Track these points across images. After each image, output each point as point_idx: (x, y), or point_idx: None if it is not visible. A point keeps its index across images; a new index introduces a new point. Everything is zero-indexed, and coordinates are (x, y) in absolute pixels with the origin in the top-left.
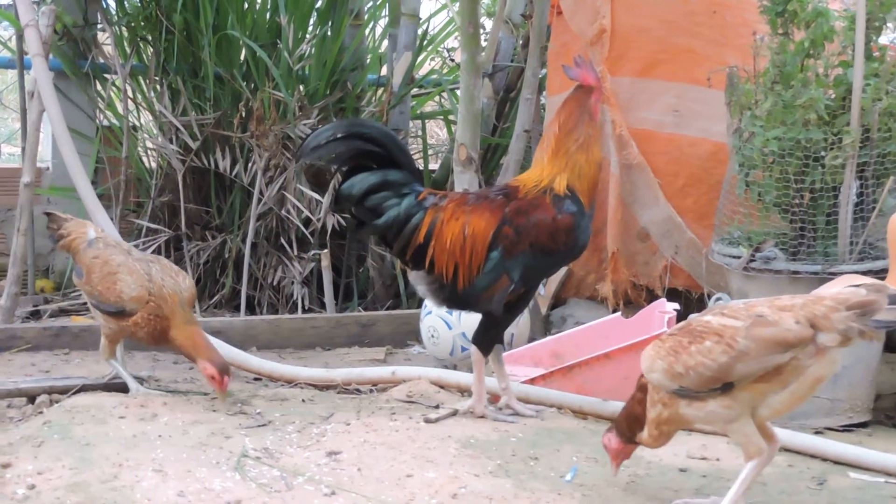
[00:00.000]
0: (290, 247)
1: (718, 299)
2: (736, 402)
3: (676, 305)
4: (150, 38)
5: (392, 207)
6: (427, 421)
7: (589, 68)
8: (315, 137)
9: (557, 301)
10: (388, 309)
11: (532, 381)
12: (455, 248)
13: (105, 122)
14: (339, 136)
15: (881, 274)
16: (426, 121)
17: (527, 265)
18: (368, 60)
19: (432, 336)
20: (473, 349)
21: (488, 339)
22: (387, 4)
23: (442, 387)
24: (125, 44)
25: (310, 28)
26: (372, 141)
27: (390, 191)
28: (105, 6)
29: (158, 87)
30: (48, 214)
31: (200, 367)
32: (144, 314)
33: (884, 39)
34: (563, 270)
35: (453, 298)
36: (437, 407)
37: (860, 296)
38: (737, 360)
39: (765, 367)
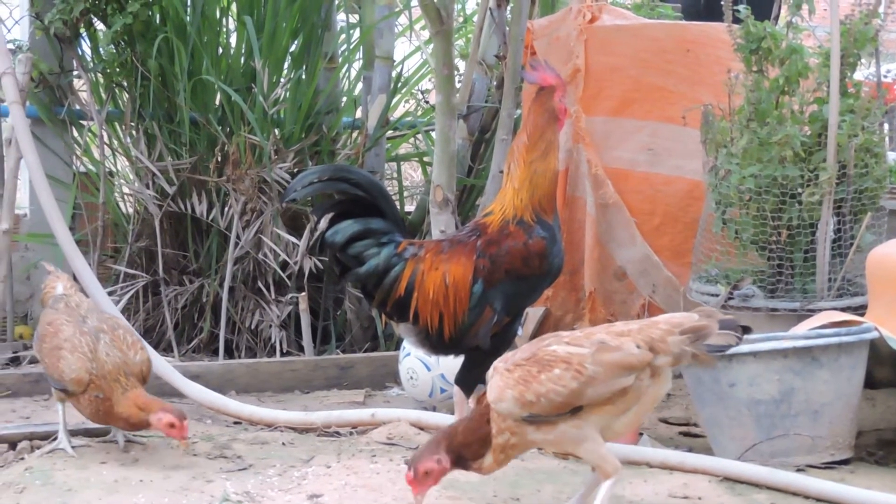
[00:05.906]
0: (268, 290)
1: None
2: (585, 423)
3: None
4: (125, 84)
5: (372, 257)
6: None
7: (546, 68)
8: (301, 179)
9: None
10: (366, 351)
11: None
12: (438, 299)
13: (82, 169)
14: (325, 178)
15: (860, 310)
16: (401, 163)
17: (507, 293)
18: (343, 103)
19: (411, 378)
20: (456, 389)
21: (472, 377)
22: (361, 47)
23: (422, 428)
24: (101, 90)
25: (284, 72)
26: (358, 186)
27: (372, 239)
28: (81, 53)
29: (134, 132)
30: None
31: (156, 421)
32: (86, 396)
33: (858, 75)
34: (539, 311)
35: (441, 345)
36: (417, 449)
37: (692, 320)
38: (586, 384)
39: (612, 390)
